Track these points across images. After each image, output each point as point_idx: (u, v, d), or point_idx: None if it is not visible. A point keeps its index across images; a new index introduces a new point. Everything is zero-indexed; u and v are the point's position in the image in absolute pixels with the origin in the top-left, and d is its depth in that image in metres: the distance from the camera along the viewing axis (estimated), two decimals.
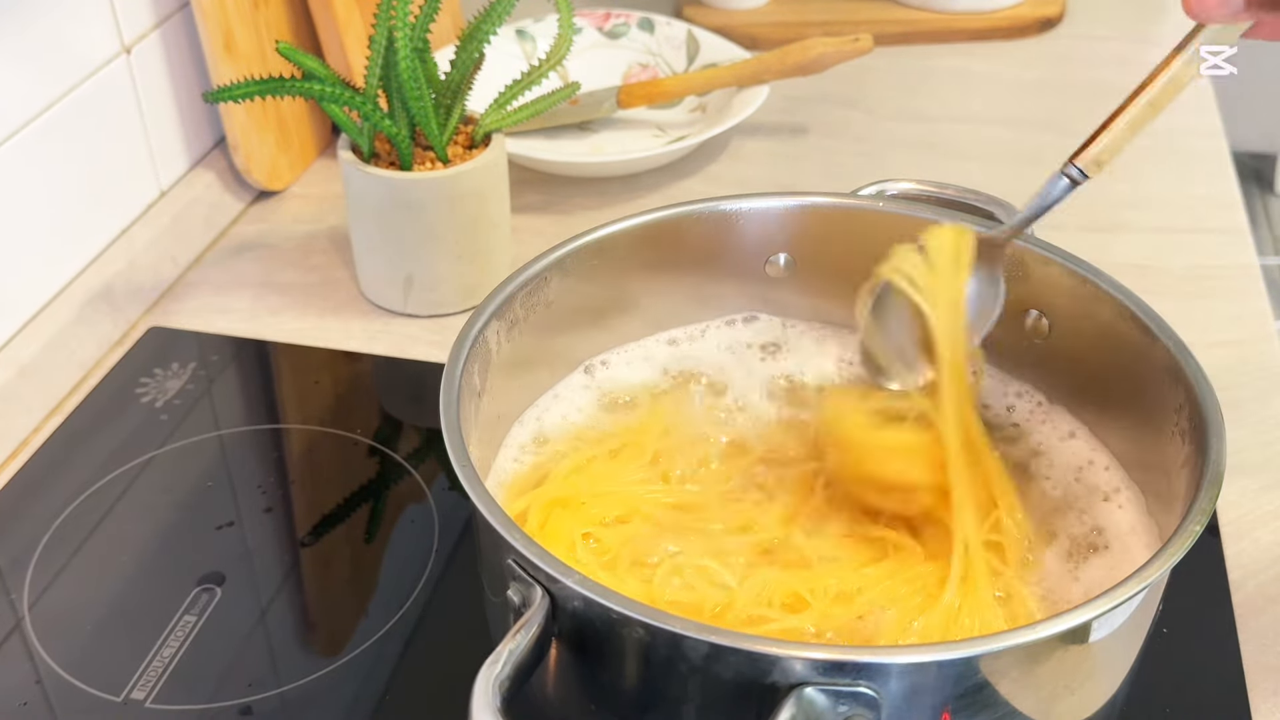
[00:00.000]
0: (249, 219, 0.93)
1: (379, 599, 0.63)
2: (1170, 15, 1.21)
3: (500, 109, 0.80)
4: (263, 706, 0.58)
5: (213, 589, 0.63)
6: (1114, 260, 0.86)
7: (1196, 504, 0.47)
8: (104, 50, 0.81)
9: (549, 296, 0.61)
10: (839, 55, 0.98)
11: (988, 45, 1.17)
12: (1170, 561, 0.45)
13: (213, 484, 0.70)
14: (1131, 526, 0.56)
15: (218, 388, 0.77)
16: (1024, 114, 1.07)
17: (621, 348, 0.66)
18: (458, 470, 0.49)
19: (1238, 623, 0.61)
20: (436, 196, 0.78)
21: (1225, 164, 0.99)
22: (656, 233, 0.63)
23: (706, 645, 0.43)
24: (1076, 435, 0.61)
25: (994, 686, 0.45)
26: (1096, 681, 0.50)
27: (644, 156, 0.93)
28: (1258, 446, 0.71)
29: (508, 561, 0.46)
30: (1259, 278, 0.86)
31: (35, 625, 0.61)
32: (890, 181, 0.65)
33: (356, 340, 0.81)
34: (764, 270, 0.67)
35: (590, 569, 0.53)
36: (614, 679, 0.47)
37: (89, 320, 0.79)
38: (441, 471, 0.70)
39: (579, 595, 0.44)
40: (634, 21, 1.09)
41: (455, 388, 0.53)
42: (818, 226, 0.65)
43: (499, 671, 0.43)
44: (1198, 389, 0.52)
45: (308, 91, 0.74)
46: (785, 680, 0.42)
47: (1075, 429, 0.62)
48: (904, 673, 0.43)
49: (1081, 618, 0.44)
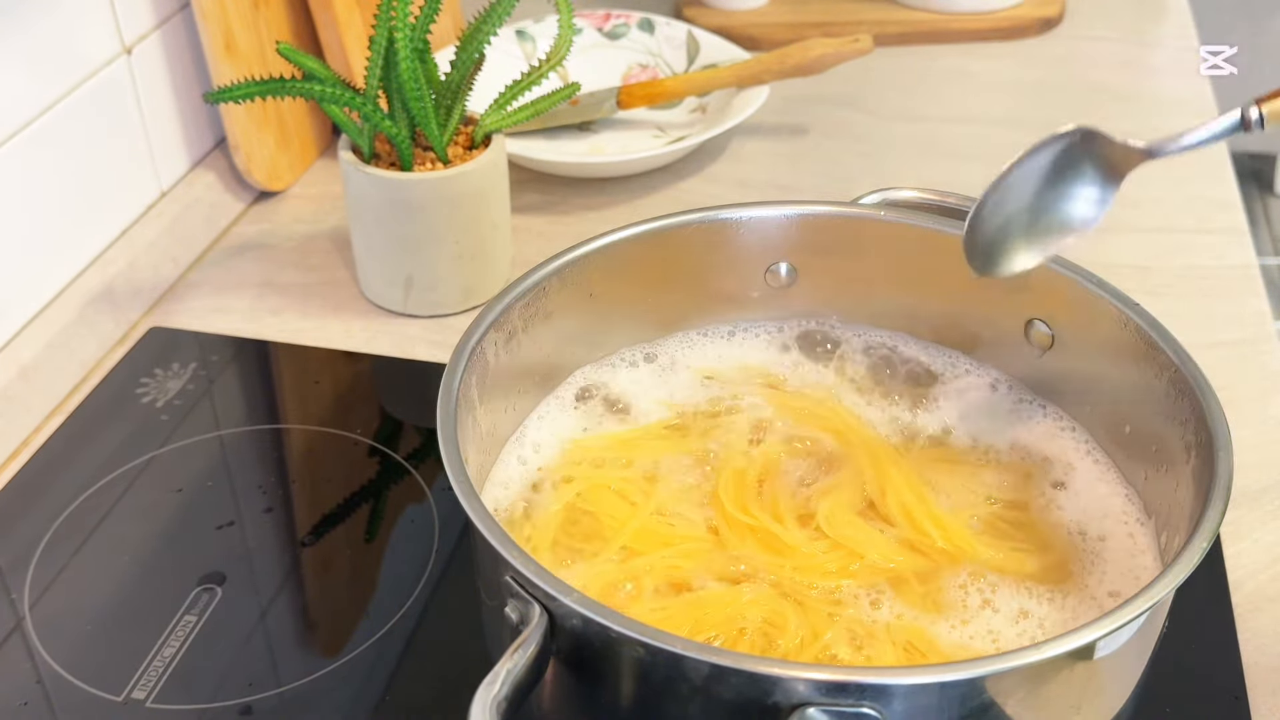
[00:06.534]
0: (249, 219, 0.93)
1: (379, 599, 0.63)
2: (1170, 15, 1.21)
3: (500, 109, 0.80)
4: (263, 706, 0.58)
5: (213, 589, 0.63)
6: (1114, 260, 0.87)
7: (1204, 521, 0.47)
8: (104, 51, 0.81)
9: (548, 306, 0.60)
10: (839, 56, 0.98)
11: (988, 45, 1.17)
12: (1177, 580, 0.45)
13: (213, 484, 0.70)
14: (1136, 537, 0.56)
15: (218, 388, 0.77)
16: (1024, 114, 1.07)
17: (620, 357, 0.66)
18: (455, 485, 0.48)
19: (1237, 623, 0.61)
20: (436, 197, 0.78)
21: (1225, 164, 0.98)
22: (657, 242, 0.63)
23: (708, 666, 0.43)
24: (1081, 444, 0.61)
25: (999, 706, 0.44)
26: (1103, 699, 0.50)
27: (644, 157, 0.93)
28: (1258, 446, 0.71)
29: (505, 578, 0.46)
30: (1258, 278, 0.86)
31: (36, 625, 0.61)
32: (892, 190, 0.65)
33: (356, 340, 0.81)
34: (765, 279, 0.67)
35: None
36: (613, 699, 0.47)
37: (89, 320, 0.79)
38: (441, 472, 0.70)
39: (577, 614, 0.44)
40: (634, 22, 1.09)
41: (453, 400, 0.53)
42: (819, 235, 0.65)
43: (497, 692, 0.42)
44: (1204, 403, 0.52)
45: (308, 92, 0.74)
46: (788, 701, 0.42)
47: (1080, 437, 0.61)
48: (908, 693, 0.43)
49: (1087, 637, 0.43)
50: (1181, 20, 1.21)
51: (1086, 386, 0.61)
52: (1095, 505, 0.58)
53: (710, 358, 0.67)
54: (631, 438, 0.62)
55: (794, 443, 0.61)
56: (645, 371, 0.66)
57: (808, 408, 0.63)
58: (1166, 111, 1.07)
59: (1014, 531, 0.57)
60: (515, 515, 0.58)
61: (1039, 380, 0.63)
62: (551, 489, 0.59)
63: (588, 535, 0.57)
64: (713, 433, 0.62)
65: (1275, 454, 0.71)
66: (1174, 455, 0.54)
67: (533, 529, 0.57)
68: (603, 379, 0.65)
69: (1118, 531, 0.57)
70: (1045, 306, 0.61)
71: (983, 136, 1.03)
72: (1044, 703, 0.46)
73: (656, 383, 0.65)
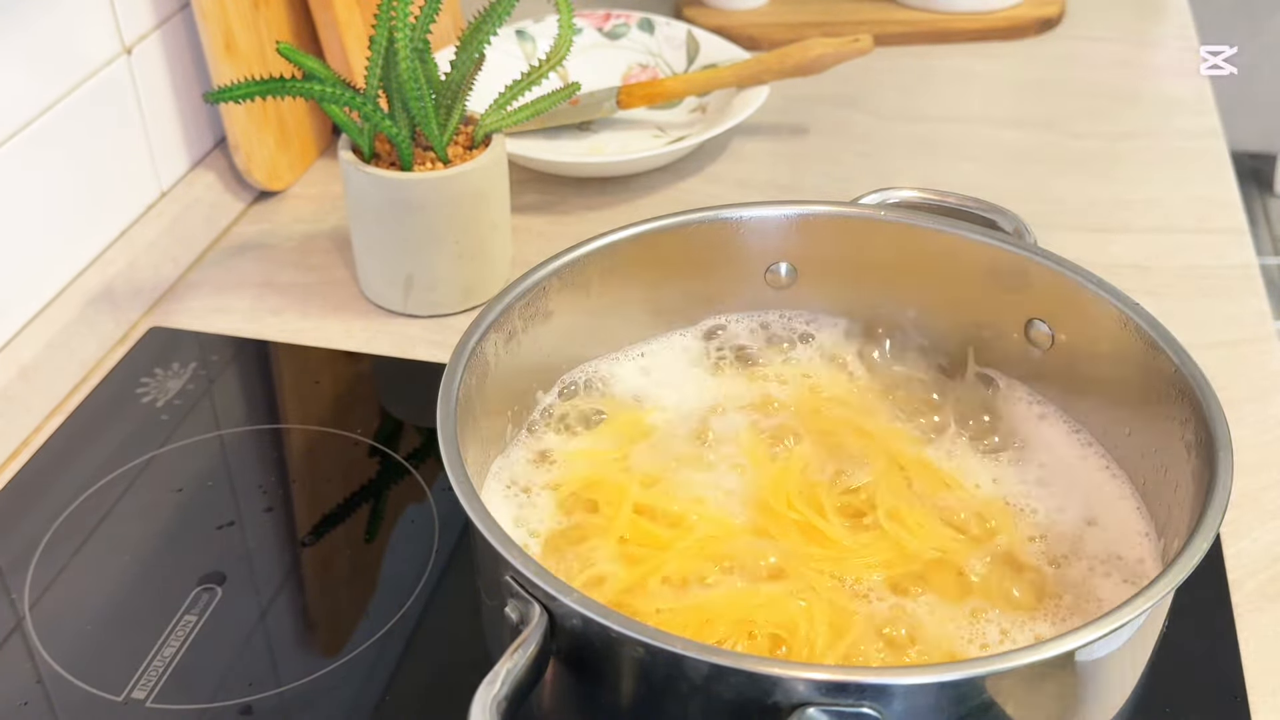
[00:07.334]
0: (249, 219, 0.93)
1: (379, 599, 0.63)
2: (1170, 15, 1.21)
3: (500, 109, 0.80)
4: (263, 706, 0.58)
5: (213, 589, 0.63)
6: (1113, 260, 0.87)
7: (1204, 521, 0.47)
8: (105, 51, 0.81)
9: (548, 306, 0.60)
10: (839, 56, 0.98)
11: (988, 45, 1.17)
12: (1177, 580, 0.45)
13: (213, 484, 0.70)
14: (1136, 536, 0.56)
15: (218, 388, 0.77)
16: (1024, 114, 1.07)
17: (620, 356, 0.66)
18: (455, 485, 0.48)
19: (1237, 623, 0.61)
20: (437, 197, 0.78)
21: (1224, 164, 0.99)
22: (657, 242, 0.63)
23: (708, 665, 0.42)
24: (1081, 444, 0.61)
25: (999, 706, 0.44)
26: (1103, 698, 0.50)
27: (644, 157, 0.93)
28: (1257, 446, 0.71)
29: (505, 578, 0.46)
30: (1258, 278, 0.86)
31: (36, 625, 0.61)
32: (892, 190, 0.65)
33: (356, 340, 0.81)
34: (765, 279, 0.67)
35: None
36: (613, 699, 0.47)
37: (90, 320, 0.79)
38: (441, 472, 0.70)
39: (577, 614, 0.44)
40: (634, 22, 1.09)
41: (453, 400, 0.52)
42: (819, 235, 0.65)
43: (497, 692, 0.42)
44: (1204, 403, 0.52)
45: (308, 92, 0.74)
46: (787, 701, 0.42)
47: (1080, 438, 0.61)
48: (908, 693, 0.43)
49: (1087, 637, 0.43)
50: (1181, 20, 1.21)
51: (1086, 387, 0.61)
52: (1094, 504, 0.58)
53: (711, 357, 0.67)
54: (631, 437, 0.62)
55: (800, 440, 0.61)
56: (646, 370, 0.66)
57: (818, 407, 0.63)
58: (1167, 111, 1.07)
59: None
60: (515, 514, 0.58)
61: (1039, 380, 0.63)
62: (552, 489, 0.59)
63: (585, 533, 0.57)
64: (712, 432, 0.62)
65: (1275, 454, 0.71)
66: (1174, 455, 0.54)
67: (533, 528, 0.57)
68: (603, 378, 0.65)
69: (1117, 531, 0.57)
70: (1045, 306, 0.61)
71: (983, 136, 1.03)
72: (1044, 702, 0.46)
73: (657, 381, 0.65)
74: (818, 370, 0.66)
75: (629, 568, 0.54)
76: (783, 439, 0.61)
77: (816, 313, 0.68)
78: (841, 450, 0.60)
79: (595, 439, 0.62)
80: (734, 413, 0.63)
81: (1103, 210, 0.93)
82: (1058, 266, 0.60)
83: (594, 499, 0.58)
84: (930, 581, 0.54)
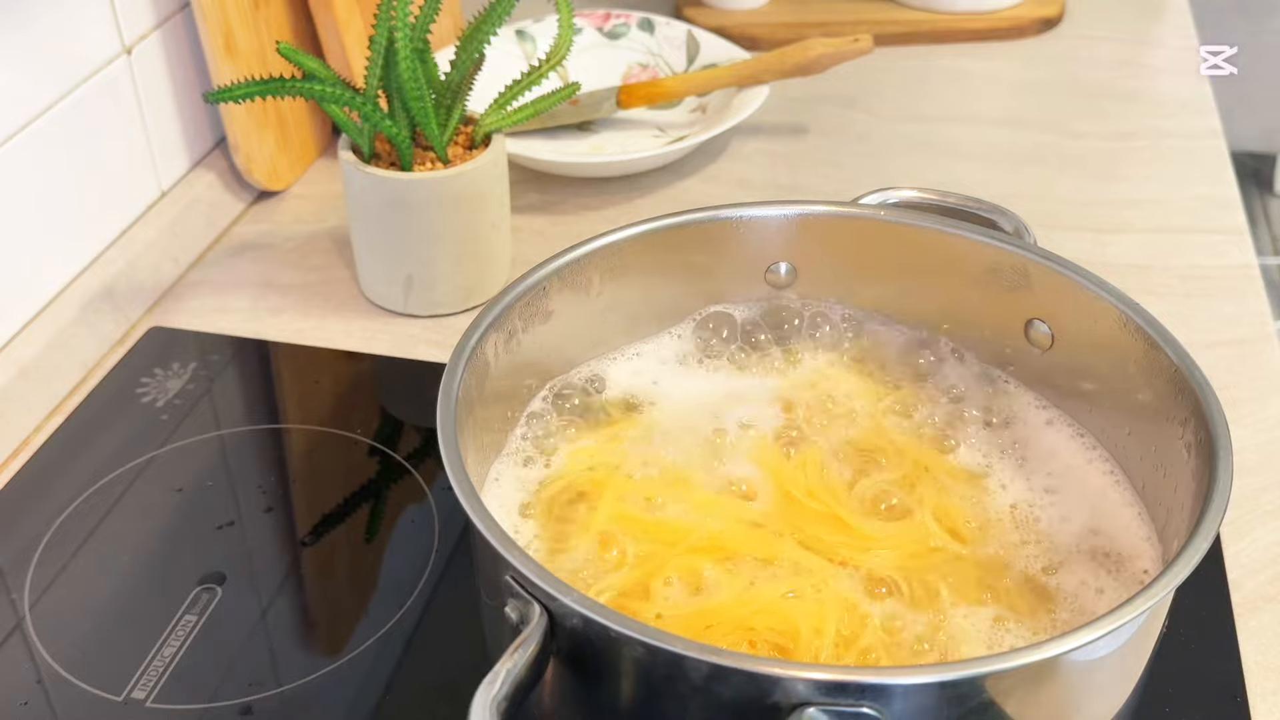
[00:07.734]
0: (249, 219, 0.93)
1: (379, 599, 0.63)
2: (1170, 15, 1.21)
3: (500, 109, 0.80)
4: (263, 706, 0.58)
5: (213, 589, 0.63)
6: (1113, 260, 0.87)
7: (1204, 521, 0.47)
8: (104, 50, 0.81)
9: (548, 306, 0.60)
10: (839, 56, 0.98)
11: (988, 45, 1.17)
12: (1177, 580, 0.45)
13: (213, 484, 0.70)
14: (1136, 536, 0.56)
15: (218, 388, 0.77)
16: (1024, 114, 1.07)
17: (620, 356, 0.66)
18: (455, 485, 0.48)
19: (1237, 623, 0.61)
20: (436, 197, 0.78)
21: (1224, 164, 0.99)
22: (657, 242, 0.63)
23: (708, 665, 0.42)
24: (1080, 444, 0.61)
25: (999, 706, 0.44)
26: (1103, 698, 0.50)
27: (644, 156, 0.93)
28: (1257, 446, 0.71)
29: (505, 578, 0.46)
30: (1258, 278, 0.86)
31: (36, 625, 0.61)
32: (892, 189, 0.65)
33: (356, 340, 0.81)
34: (765, 279, 0.67)
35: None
36: (613, 699, 0.47)
37: (89, 320, 0.79)
38: (441, 472, 0.70)
39: (577, 614, 0.44)
40: (634, 22, 1.09)
41: (453, 400, 0.52)
42: (819, 235, 0.65)
43: (497, 691, 0.42)
44: (1204, 403, 0.52)
45: (308, 92, 0.74)
46: (787, 701, 0.42)
47: (1080, 438, 0.61)
48: (907, 693, 0.43)
49: (1087, 637, 0.43)
50: (1181, 20, 1.21)
51: (1086, 387, 0.61)
52: (1095, 505, 0.58)
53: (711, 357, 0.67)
54: (632, 437, 0.62)
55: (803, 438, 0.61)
56: (645, 370, 0.66)
57: (819, 406, 0.63)
58: (1166, 111, 1.07)
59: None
60: (515, 514, 0.58)
61: (1039, 380, 0.63)
62: (552, 488, 0.59)
63: (584, 533, 0.57)
64: (714, 432, 0.62)
65: (1275, 454, 0.71)
66: (1174, 455, 0.54)
67: (534, 528, 0.57)
68: (602, 378, 0.65)
69: (1117, 531, 0.57)
70: (1045, 306, 0.61)
71: (983, 136, 1.03)
72: (1044, 702, 0.46)
73: (656, 380, 0.65)
74: (818, 370, 0.66)
75: (630, 569, 0.54)
76: (783, 438, 0.61)
77: (816, 313, 0.68)
78: (846, 449, 0.60)
79: (596, 438, 0.62)
80: (735, 412, 0.63)
81: (1103, 210, 0.93)
82: (1058, 266, 0.60)
83: (594, 499, 0.58)
84: (931, 584, 0.54)
